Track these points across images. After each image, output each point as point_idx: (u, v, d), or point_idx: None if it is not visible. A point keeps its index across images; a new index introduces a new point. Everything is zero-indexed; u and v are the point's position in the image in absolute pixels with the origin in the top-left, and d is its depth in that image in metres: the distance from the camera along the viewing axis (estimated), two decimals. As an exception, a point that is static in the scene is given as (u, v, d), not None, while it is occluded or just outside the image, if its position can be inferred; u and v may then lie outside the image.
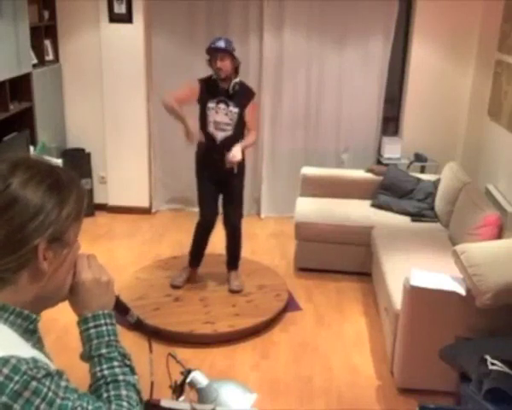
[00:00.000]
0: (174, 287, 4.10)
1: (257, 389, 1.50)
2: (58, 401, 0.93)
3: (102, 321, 1.13)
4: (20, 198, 0.98)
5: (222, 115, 3.81)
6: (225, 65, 3.73)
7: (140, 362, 1.18)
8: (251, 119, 3.89)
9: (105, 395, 1.07)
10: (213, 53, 3.74)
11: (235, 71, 3.84)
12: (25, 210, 0.99)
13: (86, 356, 1.12)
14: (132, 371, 1.13)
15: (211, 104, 3.81)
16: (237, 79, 3.83)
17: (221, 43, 3.71)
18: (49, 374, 0.94)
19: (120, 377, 1.09)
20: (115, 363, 1.11)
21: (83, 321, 1.13)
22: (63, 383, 0.96)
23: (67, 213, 1.03)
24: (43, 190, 1.00)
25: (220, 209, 4.11)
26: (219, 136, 3.84)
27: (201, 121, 3.87)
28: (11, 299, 1.02)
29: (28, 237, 0.99)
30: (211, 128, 3.83)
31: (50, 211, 1.01)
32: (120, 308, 1.27)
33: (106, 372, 1.09)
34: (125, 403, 1.06)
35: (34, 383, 0.92)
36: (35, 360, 0.95)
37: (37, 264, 1.02)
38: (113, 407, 1.04)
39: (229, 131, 3.84)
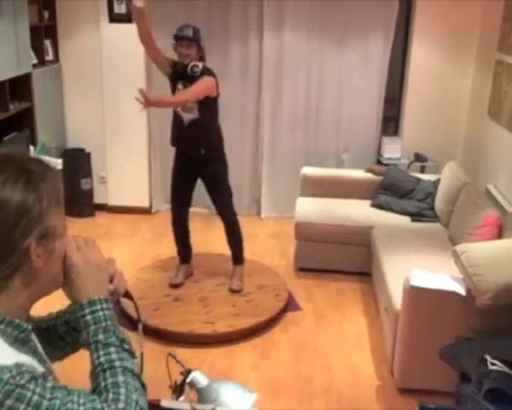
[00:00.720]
0: (173, 286, 4.11)
1: (257, 389, 1.49)
2: (45, 402, 0.92)
3: (99, 307, 1.11)
4: (1, 202, 0.97)
5: None
6: (191, 52, 3.75)
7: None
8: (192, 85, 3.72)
9: (102, 383, 1.05)
10: (180, 40, 3.75)
11: (201, 58, 3.82)
12: (9, 213, 0.98)
13: (84, 343, 1.11)
14: (131, 356, 1.11)
15: (180, 86, 3.83)
16: (198, 63, 3.75)
17: (189, 32, 3.73)
18: (33, 378, 0.93)
19: (117, 363, 1.07)
20: (112, 349, 1.09)
21: (79, 308, 1.11)
22: (49, 384, 0.95)
23: (48, 204, 1.03)
24: (20, 188, 0.99)
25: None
26: (186, 117, 3.85)
27: None
28: (5, 306, 1.01)
29: (18, 241, 0.99)
30: (179, 109, 3.86)
31: (32, 207, 1.00)
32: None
33: (102, 359, 1.07)
34: (122, 390, 1.03)
35: (18, 390, 0.91)
36: (18, 366, 0.94)
37: (31, 263, 1.01)
38: (111, 395, 1.02)
39: (195, 114, 3.82)
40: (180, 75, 3.82)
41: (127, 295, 1.29)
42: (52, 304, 1.33)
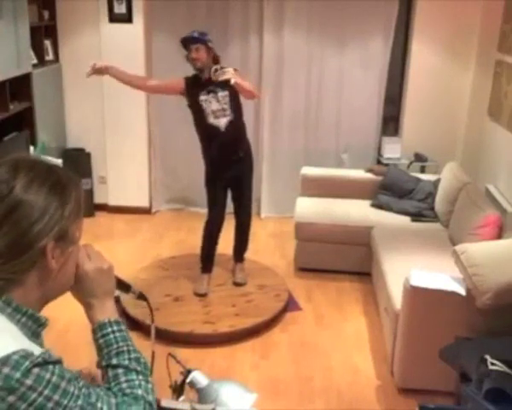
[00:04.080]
0: (199, 295, 4.02)
1: (257, 389, 1.49)
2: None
3: (109, 329, 1.16)
4: (25, 201, 1.00)
5: (215, 103, 3.80)
6: (201, 55, 3.74)
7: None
8: (241, 80, 3.71)
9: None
10: (188, 44, 3.76)
11: (214, 61, 3.81)
12: (30, 213, 1.00)
13: (99, 366, 1.15)
14: (144, 375, 1.14)
15: (203, 97, 3.79)
16: (216, 66, 3.74)
17: (194, 34, 3.76)
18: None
19: (127, 391, 1.10)
20: (122, 377, 1.12)
21: (93, 332, 1.16)
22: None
23: (70, 212, 1.06)
24: (45, 191, 1.03)
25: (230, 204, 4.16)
26: (222, 122, 3.82)
27: (200, 118, 3.84)
28: (21, 300, 1.04)
29: (35, 239, 1.01)
30: (211, 119, 3.81)
31: (54, 211, 1.03)
32: (122, 287, 1.33)
33: (112, 384, 1.11)
34: None
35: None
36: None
37: (46, 263, 1.04)
38: None
39: (229, 116, 3.82)
40: (201, 86, 3.79)
41: (142, 297, 1.44)
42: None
